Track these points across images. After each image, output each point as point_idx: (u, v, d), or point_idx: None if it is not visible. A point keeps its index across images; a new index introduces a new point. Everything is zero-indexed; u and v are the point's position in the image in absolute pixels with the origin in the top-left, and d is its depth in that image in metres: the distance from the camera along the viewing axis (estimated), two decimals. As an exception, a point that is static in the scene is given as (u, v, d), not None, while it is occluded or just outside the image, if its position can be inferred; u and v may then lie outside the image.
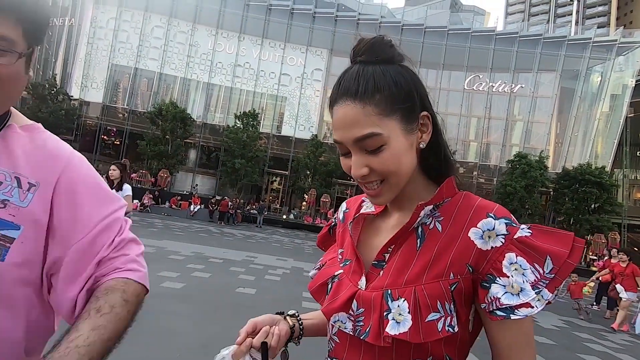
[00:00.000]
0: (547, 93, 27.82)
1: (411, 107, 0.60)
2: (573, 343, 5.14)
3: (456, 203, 0.62)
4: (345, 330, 0.62)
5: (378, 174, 0.59)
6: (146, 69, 29.23)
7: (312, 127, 29.88)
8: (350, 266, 0.66)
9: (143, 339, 3.05)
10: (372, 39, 0.62)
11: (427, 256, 0.59)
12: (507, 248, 0.57)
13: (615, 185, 23.61)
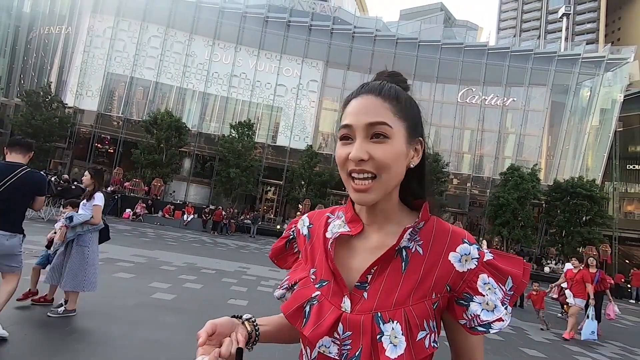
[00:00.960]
0: (539, 107, 28.33)
1: (416, 125, 0.68)
2: (564, 356, 5.16)
3: (431, 227, 0.67)
4: (330, 355, 0.62)
5: (374, 165, 0.63)
6: (142, 77, 29.31)
7: (307, 137, 30.01)
8: (328, 287, 0.66)
9: (133, 351, 3.02)
10: (394, 72, 0.75)
11: (413, 278, 0.63)
12: (480, 270, 0.64)
13: (605, 198, 23.92)
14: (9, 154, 3.02)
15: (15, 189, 2.85)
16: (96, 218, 3.57)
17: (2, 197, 2.78)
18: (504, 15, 74.44)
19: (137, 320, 3.78)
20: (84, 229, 3.55)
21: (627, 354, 5.95)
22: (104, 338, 3.18)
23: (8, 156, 3.03)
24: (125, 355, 2.91)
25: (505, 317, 0.61)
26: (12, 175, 2.84)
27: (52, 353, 2.79)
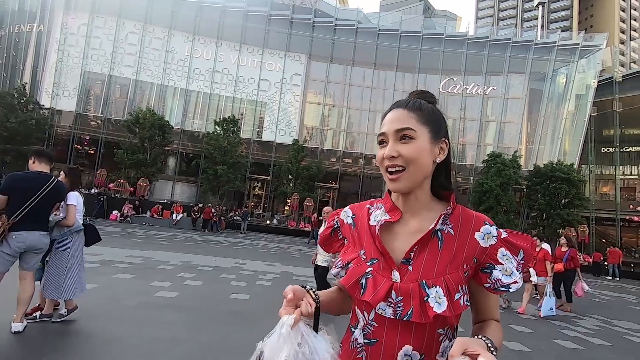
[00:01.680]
0: (518, 94, 29.08)
1: (438, 129, 0.83)
2: (550, 330, 5.50)
3: (458, 213, 0.84)
4: (386, 315, 0.77)
5: (403, 159, 0.80)
6: (121, 75, 28.59)
7: (292, 131, 29.98)
8: (379, 264, 0.81)
9: (145, 348, 3.11)
10: (424, 91, 0.91)
11: (448, 254, 0.79)
12: (499, 245, 0.81)
13: (582, 181, 24.91)
14: (36, 163, 3.26)
15: (50, 197, 3.20)
16: (69, 219, 3.37)
17: (40, 204, 3.12)
18: (482, 4, 75.47)
19: (142, 320, 3.86)
20: (62, 232, 3.42)
21: (607, 325, 6.37)
22: (110, 338, 3.23)
23: (36, 165, 3.26)
24: (134, 354, 3.00)
25: (519, 280, 0.78)
26: (47, 184, 3.17)
27: (61, 355, 2.86)
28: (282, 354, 0.67)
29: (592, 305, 8.61)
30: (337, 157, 30.86)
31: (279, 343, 0.69)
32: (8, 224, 2.96)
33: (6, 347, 2.84)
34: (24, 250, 3.09)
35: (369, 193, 31.34)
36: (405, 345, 0.75)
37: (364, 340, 0.80)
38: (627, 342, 5.35)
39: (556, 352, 4.43)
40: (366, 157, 30.45)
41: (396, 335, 0.76)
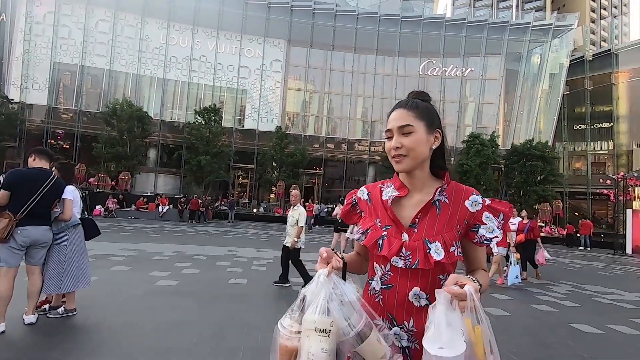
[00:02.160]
0: (494, 75, 29.75)
1: (432, 122, 1.05)
2: (527, 297, 5.98)
3: (452, 187, 1.07)
4: (398, 266, 0.99)
5: (405, 149, 1.02)
6: (93, 66, 27.55)
7: (275, 119, 29.82)
8: (392, 229, 1.03)
9: (159, 332, 3.29)
10: (420, 90, 1.10)
11: (444, 218, 1.02)
12: (484, 210, 1.04)
13: (556, 158, 26.01)
14: (36, 160, 3.30)
15: (51, 193, 3.28)
16: (66, 213, 3.39)
17: (43, 199, 3.21)
18: (458, -15, 75.51)
19: (150, 306, 4.02)
20: (59, 227, 3.46)
21: (578, 290, 6.94)
22: (125, 324, 3.39)
23: (35, 162, 3.32)
24: (151, 337, 3.18)
25: (499, 235, 1.01)
26: (48, 181, 3.26)
27: (78, 346, 3.01)
28: (321, 295, 0.88)
29: (565, 273, 9.27)
30: (320, 143, 30.98)
31: (317, 288, 0.90)
32: (15, 221, 3.04)
33: (24, 338, 2.96)
34: (30, 245, 3.18)
35: (353, 178, 31.73)
36: (414, 287, 0.98)
37: (382, 287, 1.02)
38: (595, 303, 5.88)
39: (533, 315, 4.86)
40: (349, 142, 30.70)
41: (407, 281, 0.99)
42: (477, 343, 0.75)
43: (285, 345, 0.89)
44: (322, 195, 30.08)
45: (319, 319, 0.83)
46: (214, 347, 3.02)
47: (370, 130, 31.46)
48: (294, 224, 5.47)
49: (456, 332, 0.74)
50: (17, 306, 3.15)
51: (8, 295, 3.03)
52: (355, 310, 0.86)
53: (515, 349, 3.47)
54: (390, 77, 30.83)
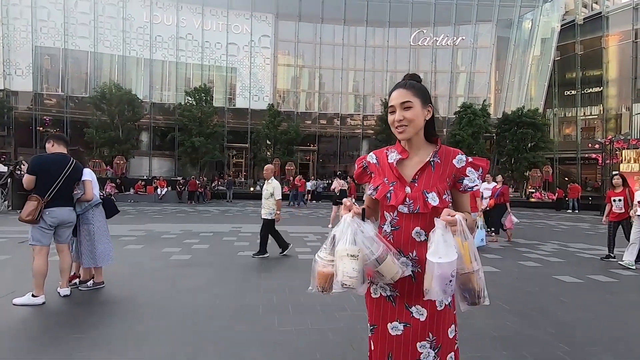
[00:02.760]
0: (486, 43, 29.52)
1: (425, 99, 1.31)
2: (515, 254, 6.44)
3: (443, 150, 1.34)
4: (404, 212, 1.27)
5: (406, 120, 1.28)
6: (77, 49, 26.79)
7: (266, 96, 29.56)
8: (397, 184, 1.31)
9: (183, 296, 3.64)
10: (413, 73, 1.33)
11: (437, 174, 1.29)
12: (467, 165, 1.31)
13: (547, 125, 26.36)
14: (55, 146, 3.47)
15: (72, 176, 3.52)
16: (88, 194, 3.65)
17: (65, 182, 3.45)
18: (448, -51, 73.03)
19: (171, 277, 4.35)
20: (83, 207, 3.74)
21: (563, 247, 7.43)
22: (154, 292, 3.72)
23: (54, 148, 3.51)
24: (176, 301, 3.51)
25: (479, 184, 1.31)
26: (69, 164, 3.48)
27: (113, 312, 3.33)
28: (348, 231, 1.16)
29: (552, 233, 9.81)
30: (313, 119, 30.92)
31: (344, 228, 1.18)
32: (43, 203, 3.29)
33: (63, 308, 3.28)
34: (57, 225, 3.44)
35: (347, 153, 31.95)
36: (416, 227, 1.27)
37: (392, 229, 1.31)
38: (578, 258, 6.36)
39: (520, 270, 5.31)
40: (342, 117, 30.68)
41: (410, 222, 1.27)
42: (465, 254, 1.06)
43: (322, 272, 1.19)
44: (317, 171, 30.35)
45: (349, 247, 1.13)
46: (236, 305, 3.37)
47: (362, 104, 31.37)
48: (268, 197, 5.64)
49: (450, 247, 1.05)
50: (49, 283, 3.45)
51: (44, 270, 3.32)
52: (374, 241, 1.16)
53: (503, 297, 3.88)
54: (381, 49, 30.46)
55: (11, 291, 3.51)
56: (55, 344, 2.52)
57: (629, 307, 3.77)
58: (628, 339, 2.91)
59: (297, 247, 6.47)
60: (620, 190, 6.11)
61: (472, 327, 3.00)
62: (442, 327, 1.24)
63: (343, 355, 2.45)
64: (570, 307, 3.63)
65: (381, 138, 25.35)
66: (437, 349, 1.22)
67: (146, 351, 2.45)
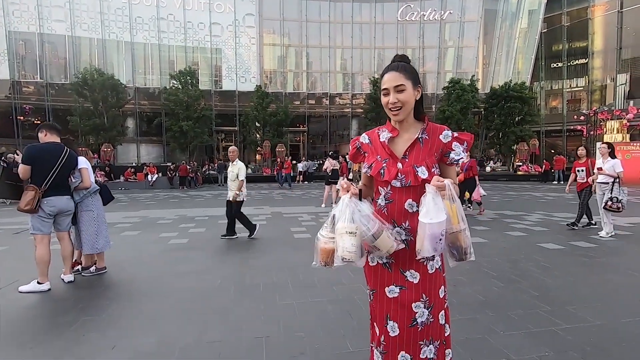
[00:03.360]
0: (473, 17, 29.24)
1: (416, 80, 1.39)
2: (502, 226, 6.71)
3: (430, 127, 1.44)
4: (396, 186, 1.39)
5: (400, 102, 1.37)
6: (53, 33, 25.75)
7: (253, 78, 29.06)
8: (389, 161, 1.41)
9: (185, 278, 3.76)
10: (403, 54, 1.40)
11: (426, 149, 1.40)
12: (453, 140, 1.42)
13: (534, 98, 26.60)
14: (48, 135, 3.45)
15: (67, 165, 3.55)
16: (85, 181, 3.73)
17: (61, 171, 3.49)
18: None
19: (172, 260, 4.47)
20: (81, 195, 3.79)
21: (548, 217, 7.74)
22: (156, 275, 3.83)
23: (47, 137, 3.48)
24: (179, 282, 3.63)
25: (464, 157, 1.42)
26: (64, 153, 3.51)
27: (119, 295, 3.44)
28: (347, 211, 1.27)
29: (538, 204, 10.15)
30: (301, 99, 30.62)
31: (343, 207, 1.29)
32: (40, 192, 3.33)
33: (70, 293, 3.38)
34: (56, 214, 3.50)
35: (337, 132, 31.91)
36: (408, 199, 1.38)
37: (385, 202, 1.43)
38: (561, 227, 6.65)
39: (506, 240, 5.56)
40: (330, 96, 30.44)
41: (403, 195, 1.39)
42: (453, 215, 1.20)
43: (324, 248, 1.31)
44: (308, 152, 30.33)
45: (348, 225, 1.25)
46: (237, 285, 3.52)
47: (351, 82, 31.10)
48: (234, 179, 5.57)
49: (440, 209, 1.17)
50: (51, 271, 3.54)
51: (47, 258, 3.40)
52: (371, 219, 1.27)
53: (490, 265, 4.10)
54: (368, 25, 29.96)
55: (14, 280, 3.59)
56: (68, 326, 2.63)
57: (604, 269, 4.03)
58: (602, 296, 3.15)
59: (292, 227, 6.62)
60: (583, 161, 6.38)
61: (460, 293, 3.20)
62: (433, 288, 1.38)
63: (342, 324, 2.63)
64: (552, 272, 3.87)
65: (370, 117, 25.33)
66: (430, 308, 1.36)
67: (157, 328, 2.58)
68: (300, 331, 2.51)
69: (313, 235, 4.95)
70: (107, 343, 2.37)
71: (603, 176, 5.79)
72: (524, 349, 2.24)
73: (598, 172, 5.86)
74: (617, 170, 5.68)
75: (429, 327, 1.35)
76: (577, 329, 2.52)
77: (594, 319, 2.67)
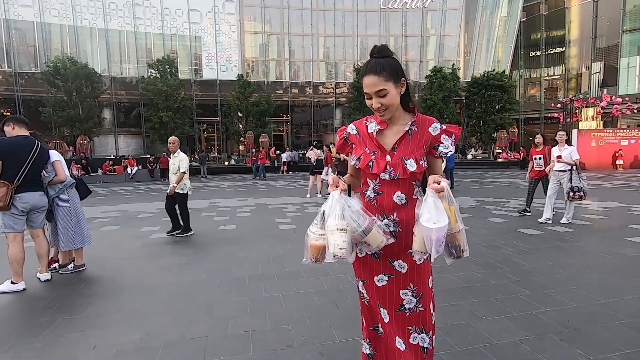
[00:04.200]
0: (455, 5, 29.37)
1: (398, 76, 1.33)
2: (482, 213, 6.86)
3: (419, 119, 1.41)
4: (385, 178, 1.37)
5: (384, 105, 1.33)
6: (19, 19, 24.46)
7: (234, 66, 28.48)
8: (378, 153, 1.39)
9: (169, 272, 3.69)
10: (381, 46, 1.33)
11: (415, 142, 1.38)
12: (441, 133, 1.39)
13: (513, 86, 27.13)
14: (16, 129, 3.27)
15: (39, 159, 3.39)
16: (60, 175, 3.57)
17: (33, 166, 3.33)
18: None
19: (154, 255, 4.38)
20: (57, 190, 3.63)
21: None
22: (134, 272, 3.73)
23: (15, 130, 3.31)
24: (162, 277, 3.56)
25: (452, 149, 1.40)
26: (34, 148, 3.34)
27: (100, 292, 3.35)
28: (337, 207, 1.25)
29: (516, 190, 10.42)
30: (284, 88, 30.26)
31: (332, 203, 1.27)
32: (13, 188, 3.17)
33: (47, 292, 3.26)
34: (29, 210, 3.35)
35: (320, 122, 31.79)
36: (397, 191, 1.37)
37: (374, 194, 1.41)
38: (540, 212, 6.82)
39: (487, 226, 5.69)
40: (314, 85, 30.18)
41: (392, 187, 1.38)
42: (452, 216, 1.19)
43: (315, 244, 1.29)
44: (292, 142, 30.13)
45: (339, 222, 1.23)
46: (222, 278, 3.48)
47: (334, 71, 30.89)
48: (176, 171, 5.25)
49: (442, 212, 1.16)
50: (27, 270, 3.40)
51: (21, 257, 3.26)
52: (361, 215, 1.26)
53: (472, 252, 4.18)
54: (351, 12, 29.68)
55: (-12, 280, 3.43)
56: (45, 326, 2.54)
57: (579, 252, 4.19)
58: (577, 278, 3.27)
59: (277, 219, 6.59)
60: (540, 149, 6.43)
61: (444, 279, 3.26)
62: (422, 278, 1.38)
63: (328, 315, 2.63)
64: (531, 257, 3.99)
65: (354, 106, 25.30)
66: (419, 297, 1.37)
67: (140, 325, 2.52)
68: (287, 323, 2.50)
69: (298, 227, 4.94)
70: (88, 343, 2.30)
71: (561, 164, 5.82)
72: (505, 333, 2.31)
73: (557, 160, 5.86)
74: (574, 157, 5.70)
75: (419, 315, 1.37)
76: (555, 311, 2.60)
77: (571, 302, 2.77)
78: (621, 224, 5.68)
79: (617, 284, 3.14)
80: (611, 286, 3.09)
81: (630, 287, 3.06)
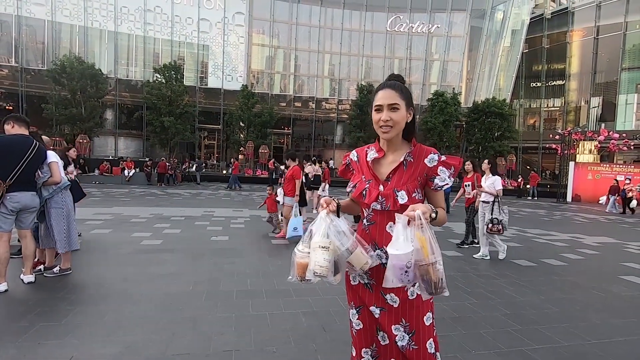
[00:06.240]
0: (459, 32, 30.05)
1: (409, 102, 1.37)
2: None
3: (417, 149, 1.41)
4: (377, 208, 1.36)
5: (392, 122, 1.33)
6: (32, 16, 24.77)
7: (240, 77, 28.80)
8: (373, 183, 1.39)
9: (155, 282, 3.62)
10: (398, 74, 1.39)
11: (409, 173, 1.37)
12: (439, 164, 1.38)
13: (513, 115, 27.50)
14: (16, 127, 3.25)
15: (35, 159, 3.34)
16: (55, 176, 3.53)
17: (29, 166, 3.29)
18: None
19: (142, 262, 4.30)
20: (51, 191, 3.59)
21: (521, 233, 7.96)
22: (122, 278, 3.66)
23: (15, 129, 3.29)
24: (148, 287, 3.49)
25: (449, 182, 1.38)
26: (31, 148, 3.30)
27: (83, 298, 3.28)
28: (322, 226, 1.24)
29: (512, 219, 10.41)
30: (288, 101, 30.54)
31: (319, 223, 1.26)
32: (5, 187, 3.13)
33: (29, 295, 3.19)
34: (19, 210, 3.30)
35: (322, 137, 31.97)
36: (390, 222, 1.36)
37: (368, 223, 1.40)
38: (533, 243, 6.84)
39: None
40: (317, 100, 30.49)
41: (384, 218, 1.36)
42: (424, 246, 1.14)
43: (300, 262, 1.27)
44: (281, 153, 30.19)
45: (321, 240, 1.22)
46: (210, 291, 3.41)
47: (337, 88, 31.28)
48: None
49: (407, 241, 1.14)
50: (10, 270, 3.33)
51: (6, 257, 3.20)
52: (346, 235, 1.24)
53: (464, 281, 4.15)
54: (358, 32, 30.28)
55: (-31, 278, 3.35)
56: (23, 332, 2.46)
57: (571, 287, 4.15)
58: (569, 315, 3.23)
59: (270, 232, 6.53)
60: (470, 176, 6.13)
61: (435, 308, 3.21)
62: (415, 315, 1.35)
63: (315, 338, 2.58)
64: (523, 289, 3.95)
65: (355, 123, 25.51)
66: (411, 334, 1.33)
67: (121, 337, 2.46)
68: (272, 344, 2.44)
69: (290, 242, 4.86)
70: (65, 352, 2.23)
71: (485, 195, 5.56)
72: (493, 369, 2.26)
73: (478, 190, 5.65)
74: (497, 187, 5.41)
75: (412, 353, 1.33)
76: (546, 349, 2.56)
77: (562, 340, 2.72)
78: (615, 260, 5.66)
79: (608, 324, 3.10)
80: (602, 325, 3.05)
81: (620, 328, 3.02)
